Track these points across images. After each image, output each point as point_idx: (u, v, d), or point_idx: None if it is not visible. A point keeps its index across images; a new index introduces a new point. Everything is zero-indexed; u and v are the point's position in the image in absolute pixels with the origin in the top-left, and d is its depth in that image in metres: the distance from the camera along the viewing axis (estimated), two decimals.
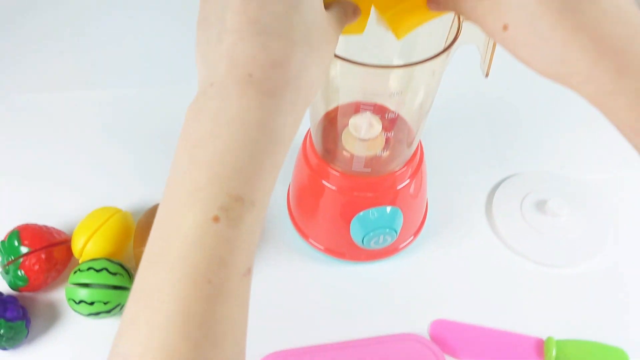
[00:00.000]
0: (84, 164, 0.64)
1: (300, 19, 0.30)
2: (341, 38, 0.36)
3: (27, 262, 0.52)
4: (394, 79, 0.45)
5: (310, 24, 0.31)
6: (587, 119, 0.65)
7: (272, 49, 0.29)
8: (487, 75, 0.47)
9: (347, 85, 0.47)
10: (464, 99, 0.72)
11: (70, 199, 0.61)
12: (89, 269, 0.51)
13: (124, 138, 0.67)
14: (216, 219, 0.27)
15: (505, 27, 0.34)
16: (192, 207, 0.27)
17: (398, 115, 0.46)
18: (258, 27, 0.29)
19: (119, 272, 0.52)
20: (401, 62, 0.45)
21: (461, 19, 0.41)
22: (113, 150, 0.66)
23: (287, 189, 0.61)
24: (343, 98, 0.49)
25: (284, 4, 0.30)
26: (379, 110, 0.47)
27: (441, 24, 0.42)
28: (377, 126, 0.49)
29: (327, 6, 0.34)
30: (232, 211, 0.27)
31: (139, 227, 0.55)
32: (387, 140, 0.51)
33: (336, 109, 0.51)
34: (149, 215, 0.55)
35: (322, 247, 0.56)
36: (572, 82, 0.33)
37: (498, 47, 0.44)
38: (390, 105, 0.46)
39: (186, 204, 0.27)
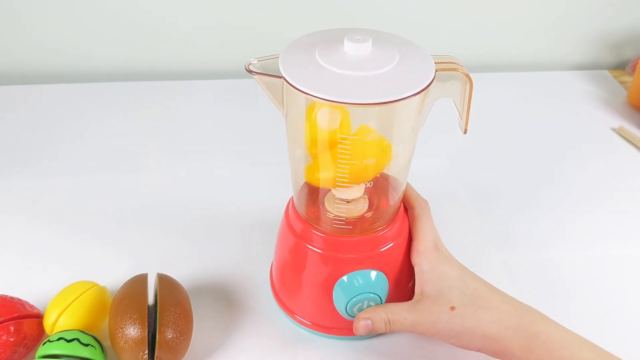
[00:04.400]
0: (59, 240, 0.64)
1: None
2: None
3: None
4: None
5: None
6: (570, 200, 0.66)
7: None
8: (465, 132, 0.48)
9: None
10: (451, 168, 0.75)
11: (45, 276, 0.59)
12: (59, 339, 0.48)
13: (101, 217, 0.68)
14: None
15: (452, 308, 0.46)
16: None
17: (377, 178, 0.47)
18: None
19: (91, 344, 0.49)
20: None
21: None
22: (88, 228, 0.66)
23: (270, 269, 0.60)
24: None
25: None
26: None
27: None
28: (360, 187, 0.50)
29: None
30: None
31: (115, 301, 0.52)
32: (370, 201, 0.51)
33: None
34: (124, 289, 0.53)
35: (309, 323, 0.54)
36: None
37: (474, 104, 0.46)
38: None
39: None
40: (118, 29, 0.90)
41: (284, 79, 0.41)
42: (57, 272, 0.60)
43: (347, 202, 0.50)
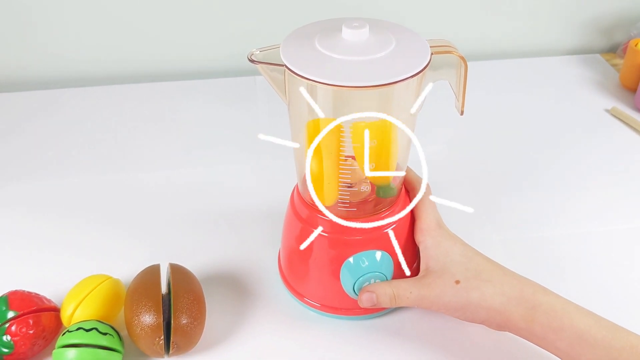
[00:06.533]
0: (73, 237, 0.66)
1: None
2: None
3: (13, 327, 0.50)
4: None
5: None
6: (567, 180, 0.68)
7: None
8: (462, 113, 0.49)
9: None
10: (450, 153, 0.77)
11: (60, 271, 0.61)
12: (78, 329, 0.50)
13: (112, 214, 0.70)
14: None
15: (457, 282, 0.48)
16: None
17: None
18: None
19: (109, 333, 0.50)
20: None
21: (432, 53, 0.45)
22: (100, 225, 0.68)
23: (277, 255, 0.61)
24: None
25: None
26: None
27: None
28: (362, 172, 0.51)
29: None
30: None
31: (130, 291, 0.54)
32: (372, 185, 0.52)
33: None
34: (138, 279, 0.54)
35: (318, 305, 0.56)
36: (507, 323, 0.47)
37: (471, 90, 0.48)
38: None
39: None
40: (114, 34, 0.92)
41: (286, 66, 0.43)
42: (72, 267, 0.61)
43: (350, 186, 0.52)
